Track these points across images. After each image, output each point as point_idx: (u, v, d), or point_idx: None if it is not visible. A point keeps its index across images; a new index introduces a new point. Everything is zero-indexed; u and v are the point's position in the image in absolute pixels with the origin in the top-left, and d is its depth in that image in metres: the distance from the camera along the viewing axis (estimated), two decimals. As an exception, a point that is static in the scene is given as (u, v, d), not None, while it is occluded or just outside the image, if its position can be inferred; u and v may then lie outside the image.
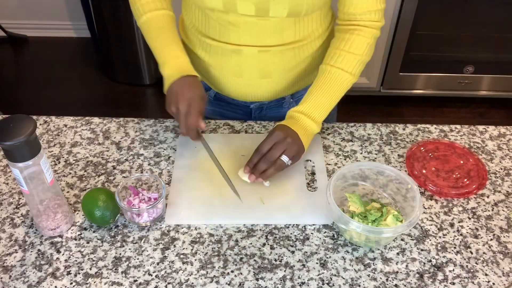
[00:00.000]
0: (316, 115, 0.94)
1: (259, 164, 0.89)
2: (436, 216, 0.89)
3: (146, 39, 0.99)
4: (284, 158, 0.89)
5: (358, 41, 0.95)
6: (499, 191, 0.94)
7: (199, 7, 0.95)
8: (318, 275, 0.79)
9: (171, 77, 0.93)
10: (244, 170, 0.90)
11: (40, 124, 1.07)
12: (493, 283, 0.78)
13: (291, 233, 0.85)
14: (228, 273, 0.78)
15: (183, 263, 0.80)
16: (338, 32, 0.99)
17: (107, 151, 1.01)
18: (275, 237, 0.84)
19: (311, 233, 0.85)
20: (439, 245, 0.84)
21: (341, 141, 1.05)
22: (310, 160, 0.99)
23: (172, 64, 0.94)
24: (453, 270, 0.80)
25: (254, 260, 0.81)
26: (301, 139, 0.91)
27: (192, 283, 0.77)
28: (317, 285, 0.77)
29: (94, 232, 0.85)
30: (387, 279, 0.78)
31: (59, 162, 0.98)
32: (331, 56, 0.97)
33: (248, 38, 0.94)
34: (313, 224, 0.86)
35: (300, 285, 0.77)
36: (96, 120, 1.09)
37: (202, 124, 0.91)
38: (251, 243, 0.83)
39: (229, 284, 0.77)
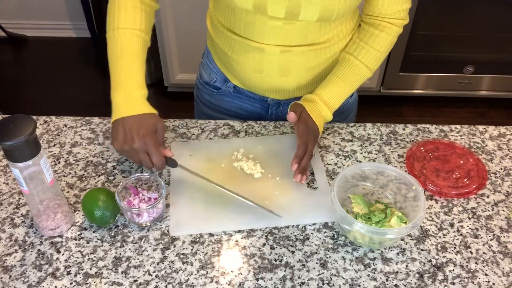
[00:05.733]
0: (332, 102, 0.99)
1: (303, 162, 0.92)
2: (436, 216, 0.89)
3: (108, 53, 0.91)
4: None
5: (381, 37, 0.97)
6: (499, 191, 0.94)
7: (228, 5, 0.95)
8: (318, 275, 0.79)
9: (120, 107, 0.86)
10: (292, 167, 0.91)
11: (40, 124, 1.07)
12: (493, 283, 0.78)
13: (291, 233, 0.85)
14: (228, 273, 0.78)
15: (183, 263, 0.80)
16: (363, 23, 1.00)
17: (107, 151, 1.01)
18: (275, 237, 0.84)
19: (311, 233, 0.85)
20: (439, 245, 0.84)
21: (341, 141, 1.05)
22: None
23: (125, 91, 0.87)
24: (453, 270, 0.80)
25: (254, 260, 0.81)
26: (318, 126, 0.96)
27: (192, 283, 0.77)
28: (317, 285, 0.77)
29: (94, 232, 0.85)
30: (387, 279, 0.78)
31: (59, 162, 0.98)
32: (355, 47, 0.99)
33: (272, 38, 0.94)
34: (313, 224, 0.86)
35: (300, 285, 0.77)
36: (96, 120, 1.09)
37: (169, 153, 0.89)
38: (251, 243, 0.83)
39: (229, 284, 0.77)
